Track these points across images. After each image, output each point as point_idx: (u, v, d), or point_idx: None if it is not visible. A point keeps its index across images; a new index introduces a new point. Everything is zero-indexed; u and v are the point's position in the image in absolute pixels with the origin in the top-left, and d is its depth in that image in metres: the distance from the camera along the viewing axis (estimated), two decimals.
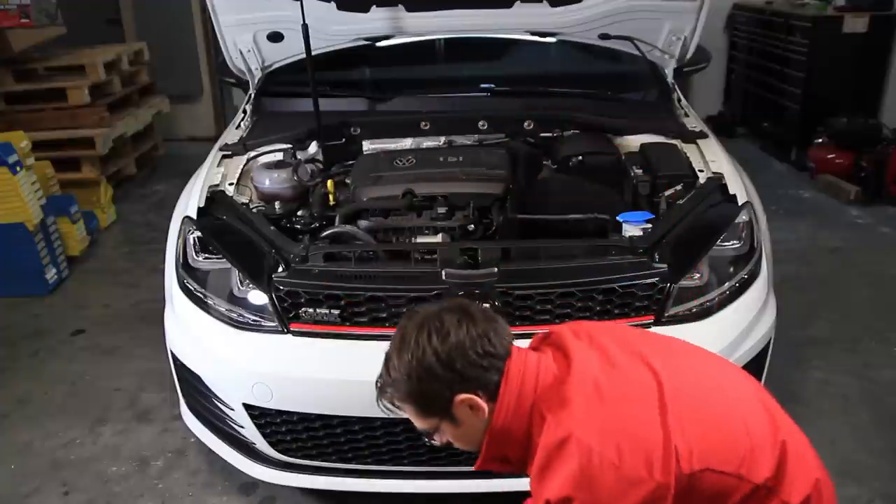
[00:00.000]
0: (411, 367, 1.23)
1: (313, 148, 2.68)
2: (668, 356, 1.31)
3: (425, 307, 1.35)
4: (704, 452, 1.17)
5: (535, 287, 1.84)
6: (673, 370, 1.26)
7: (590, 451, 1.14)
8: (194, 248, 2.12)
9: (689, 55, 2.96)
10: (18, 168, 3.49)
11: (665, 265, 1.91)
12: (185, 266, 2.12)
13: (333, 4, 2.77)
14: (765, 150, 5.69)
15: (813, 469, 1.25)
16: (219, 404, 2.06)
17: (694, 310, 1.93)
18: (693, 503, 1.18)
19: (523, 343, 1.36)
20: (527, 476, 1.27)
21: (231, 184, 2.40)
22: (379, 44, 3.02)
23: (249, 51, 2.95)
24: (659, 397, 1.20)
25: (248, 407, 1.97)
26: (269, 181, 2.41)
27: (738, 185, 2.26)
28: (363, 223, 2.21)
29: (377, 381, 1.31)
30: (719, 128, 4.86)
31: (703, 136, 2.63)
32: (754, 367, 2.01)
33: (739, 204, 2.17)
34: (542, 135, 2.77)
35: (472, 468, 1.95)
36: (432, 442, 1.33)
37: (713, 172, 2.32)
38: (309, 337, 1.90)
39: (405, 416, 1.32)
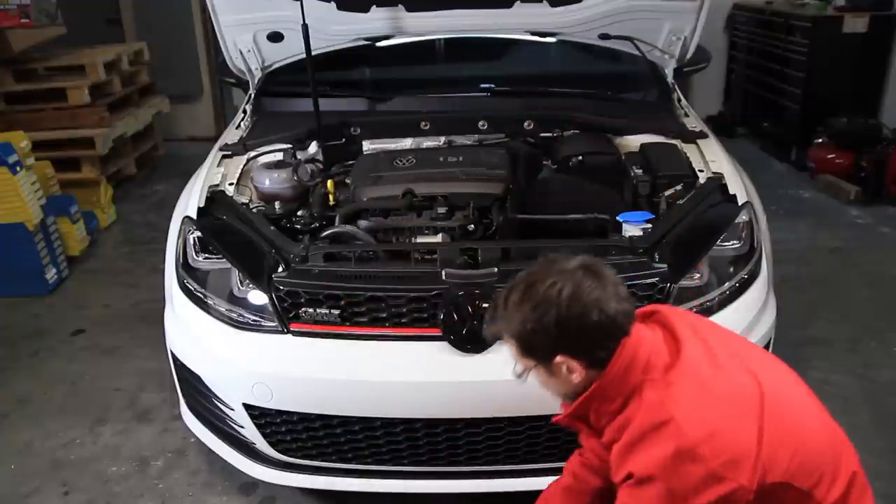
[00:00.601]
0: (529, 316, 1.25)
1: (313, 148, 2.68)
2: (761, 364, 1.34)
3: (563, 258, 1.32)
4: (790, 468, 1.21)
5: None
6: (770, 379, 1.29)
7: (686, 440, 1.16)
8: (194, 248, 2.12)
9: (689, 55, 2.96)
10: (18, 168, 3.49)
11: (665, 265, 1.91)
12: (185, 266, 2.12)
13: (333, 4, 2.77)
14: (765, 150, 5.69)
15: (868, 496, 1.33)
16: (219, 404, 2.06)
17: (694, 310, 1.92)
18: None
19: None
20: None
21: (231, 184, 2.40)
22: (379, 44, 3.02)
23: (249, 51, 2.95)
24: (759, 405, 1.23)
25: (248, 407, 1.97)
26: (269, 181, 2.41)
27: (738, 185, 2.26)
28: (363, 223, 2.21)
29: (490, 309, 1.34)
30: (719, 128, 4.86)
31: (703, 136, 2.63)
32: None
33: (739, 204, 2.17)
34: (542, 135, 2.77)
35: (472, 468, 1.97)
36: (519, 376, 1.34)
37: (713, 172, 2.32)
38: (309, 337, 1.90)
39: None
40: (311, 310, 1.89)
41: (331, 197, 2.35)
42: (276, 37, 2.90)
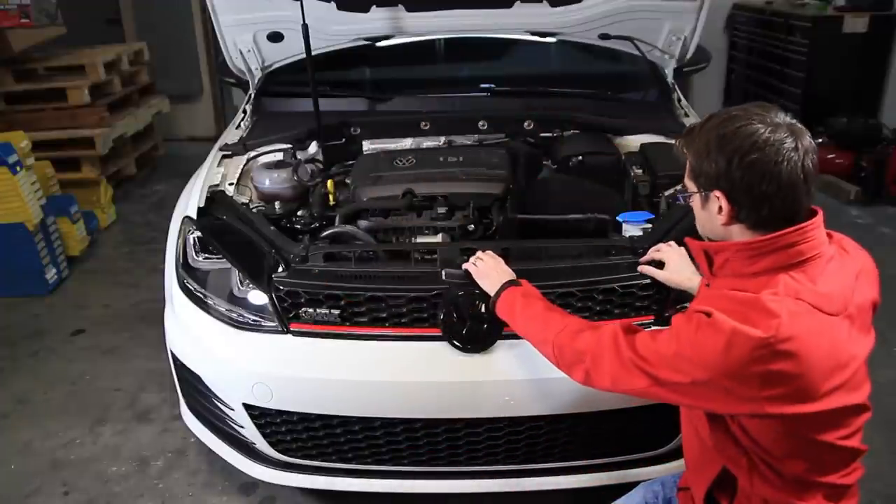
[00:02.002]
0: (712, 141, 1.21)
1: (313, 148, 2.68)
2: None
3: (779, 109, 1.24)
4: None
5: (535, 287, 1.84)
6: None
7: (774, 339, 1.12)
8: (194, 248, 2.12)
9: (689, 55, 2.96)
10: (18, 168, 3.49)
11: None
12: (185, 266, 2.12)
13: (333, 4, 2.77)
14: None
15: None
16: (219, 404, 2.05)
17: None
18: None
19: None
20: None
21: (231, 184, 2.40)
22: (379, 44, 3.02)
23: (249, 51, 2.95)
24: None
25: (248, 407, 1.97)
26: (269, 181, 2.41)
27: None
28: (363, 223, 2.21)
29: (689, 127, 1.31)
30: None
31: None
32: None
33: None
34: (542, 135, 2.77)
35: (472, 468, 1.97)
36: (681, 196, 1.31)
37: None
38: (309, 337, 1.89)
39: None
40: (311, 310, 1.89)
41: (331, 197, 2.35)
42: (276, 37, 2.90)
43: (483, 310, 1.76)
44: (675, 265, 1.77)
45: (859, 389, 1.27)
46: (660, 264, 1.81)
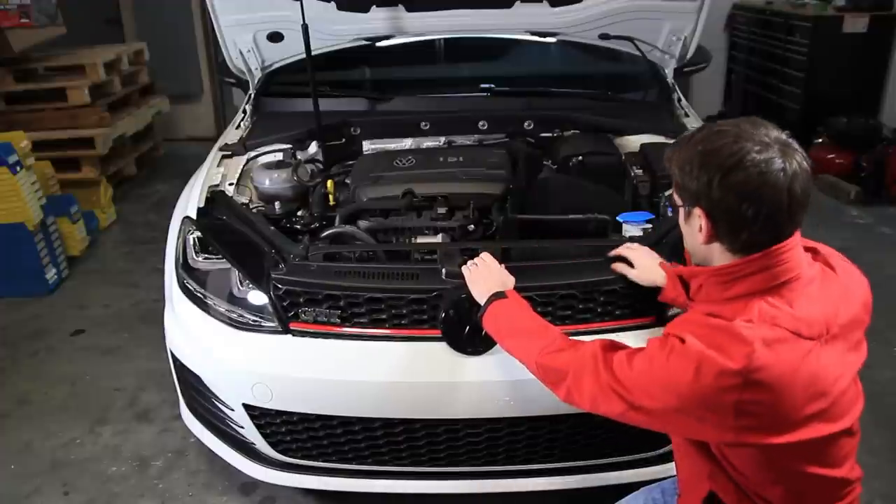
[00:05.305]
0: (695, 155, 1.18)
1: (313, 148, 2.68)
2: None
3: (771, 126, 1.18)
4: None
5: (535, 287, 1.84)
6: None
7: (745, 369, 1.09)
8: (194, 248, 2.11)
9: (689, 55, 2.96)
10: (18, 168, 3.49)
11: None
12: (184, 266, 2.12)
13: (333, 4, 2.77)
14: None
15: None
16: (219, 404, 2.05)
17: None
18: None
19: None
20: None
21: (231, 184, 2.40)
22: (379, 44, 3.02)
23: (249, 51, 2.95)
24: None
25: (247, 407, 1.97)
26: (269, 181, 2.41)
27: None
28: (363, 223, 2.21)
29: (679, 138, 1.30)
30: None
31: None
32: None
33: None
34: (542, 135, 2.77)
35: (472, 468, 1.97)
36: (670, 207, 1.30)
37: None
38: (309, 337, 1.89)
39: None
40: (310, 310, 1.89)
41: (331, 197, 2.35)
42: (276, 37, 2.90)
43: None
44: (644, 264, 1.76)
45: (843, 417, 1.21)
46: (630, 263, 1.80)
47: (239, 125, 2.91)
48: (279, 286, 1.88)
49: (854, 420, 1.24)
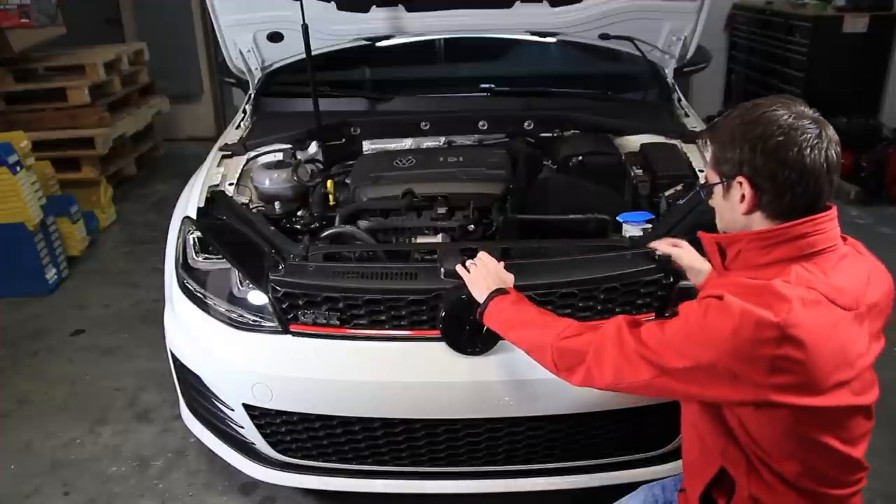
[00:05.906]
0: (736, 127, 1.22)
1: (313, 148, 2.68)
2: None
3: (803, 102, 1.25)
4: None
5: (535, 287, 1.84)
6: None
7: (781, 323, 1.12)
8: (194, 248, 2.12)
9: (689, 55, 2.96)
10: (18, 168, 3.50)
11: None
12: (184, 266, 2.12)
13: (333, 4, 2.77)
14: None
15: None
16: (219, 404, 2.05)
17: None
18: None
19: None
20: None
21: (231, 184, 2.39)
22: (379, 44, 3.02)
23: (249, 51, 2.95)
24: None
25: (247, 407, 1.97)
26: (269, 181, 2.41)
27: None
28: (363, 223, 2.21)
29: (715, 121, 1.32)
30: None
31: None
32: None
33: None
34: (542, 135, 2.77)
35: (472, 468, 1.97)
36: (704, 193, 1.34)
37: None
38: (309, 337, 1.89)
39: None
40: (310, 310, 1.89)
41: (331, 197, 2.35)
42: (276, 37, 2.90)
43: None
44: (686, 249, 1.77)
45: (865, 393, 1.26)
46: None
47: (239, 125, 2.91)
48: (278, 288, 1.88)
49: (872, 402, 1.29)
